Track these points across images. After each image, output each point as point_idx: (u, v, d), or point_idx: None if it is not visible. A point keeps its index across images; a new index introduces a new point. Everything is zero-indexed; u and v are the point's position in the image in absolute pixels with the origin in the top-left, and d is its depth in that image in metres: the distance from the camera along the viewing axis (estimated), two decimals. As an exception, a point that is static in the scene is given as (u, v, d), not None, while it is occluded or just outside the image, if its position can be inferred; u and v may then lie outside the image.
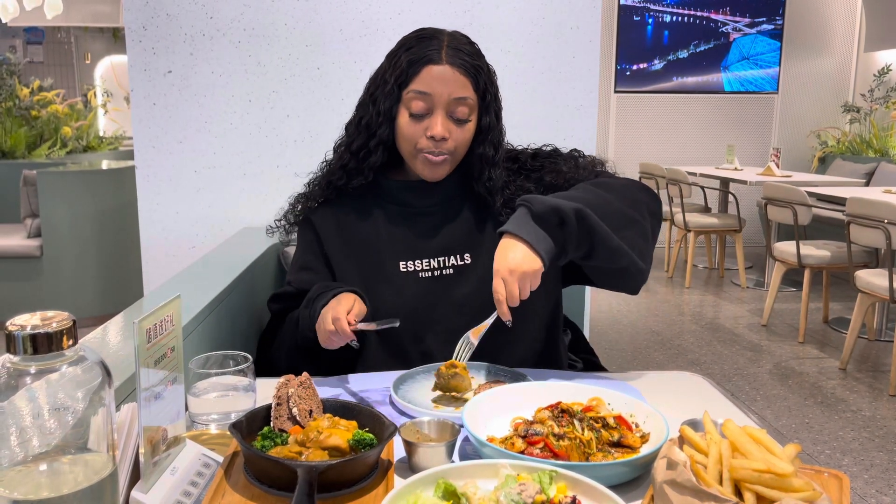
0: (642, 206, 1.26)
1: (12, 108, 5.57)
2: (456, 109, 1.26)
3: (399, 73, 1.26)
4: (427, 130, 1.26)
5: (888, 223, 3.31)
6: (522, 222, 1.14)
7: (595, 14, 2.10)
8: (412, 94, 1.25)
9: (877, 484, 2.53)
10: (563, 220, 1.13)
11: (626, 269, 1.19)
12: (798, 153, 7.10)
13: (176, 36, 2.00)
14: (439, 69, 1.24)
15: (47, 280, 4.14)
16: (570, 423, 0.93)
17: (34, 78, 6.57)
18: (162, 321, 0.78)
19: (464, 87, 1.25)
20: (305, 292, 1.35)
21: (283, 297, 1.38)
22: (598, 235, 1.14)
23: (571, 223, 1.12)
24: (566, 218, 1.12)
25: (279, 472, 0.78)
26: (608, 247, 1.15)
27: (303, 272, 1.38)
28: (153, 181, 2.06)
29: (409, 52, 1.26)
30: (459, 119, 1.27)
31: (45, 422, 0.62)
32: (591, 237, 1.14)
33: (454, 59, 1.25)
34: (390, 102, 1.28)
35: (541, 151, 1.44)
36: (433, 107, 1.25)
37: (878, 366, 3.72)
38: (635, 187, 1.30)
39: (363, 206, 1.39)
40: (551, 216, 1.13)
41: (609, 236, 1.15)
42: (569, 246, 1.15)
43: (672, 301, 5.03)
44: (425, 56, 1.24)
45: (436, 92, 1.24)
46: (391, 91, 1.27)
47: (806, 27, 7.00)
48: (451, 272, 1.34)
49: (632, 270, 1.19)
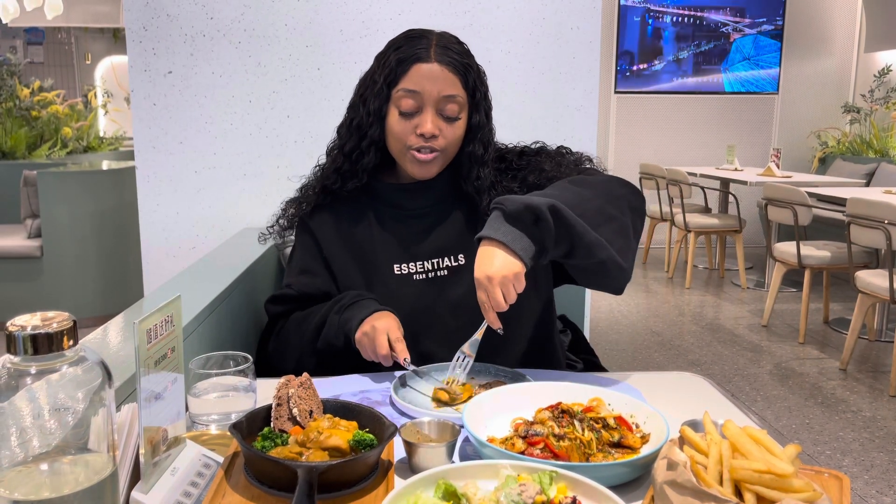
0: (622, 202, 1.22)
1: (13, 108, 5.58)
2: (445, 107, 1.26)
3: (388, 72, 1.26)
4: (417, 128, 1.26)
5: (888, 224, 3.31)
6: (497, 224, 1.10)
7: (595, 15, 2.10)
8: (402, 93, 1.25)
9: (877, 484, 2.53)
10: (537, 217, 1.09)
11: (605, 266, 1.14)
12: (798, 154, 7.10)
13: (176, 36, 2.01)
14: (428, 67, 1.24)
15: (47, 280, 4.14)
16: (571, 423, 0.93)
17: (34, 78, 6.57)
18: (162, 322, 0.78)
19: (453, 85, 1.25)
20: (307, 295, 1.35)
21: (284, 299, 1.38)
22: (574, 230, 1.10)
23: (546, 219, 1.08)
24: (540, 214, 1.08)
25: (279, 473, 0.78)
26: (585, 242, 1.10)
27: (304, 275, 1.38)
28: (153, 182, 2.06)
29: (398, 51, 1.26)
30: (449, 117, 1.27)
31: (45, 422, 0.62)
32: (569, 232, 1.10)
33: (443, 56, 1.25)
34: (380, 102, 1.28)
35: (527, 150, 1.42)
36: (423, 104, 1.25)
37: (878, 366, 3.72)
38: (616, 183, 1.26)
39: (358, 209, 1.39)
40: (525, 214, 1.09)
41: (586, 230, 1.10)
42: (547, 243, 1.10)
43: (672, 301, 5.03)
44: (414, 54, 1.24)
45: (425, 90, 1.24)
46: (381, 90, 1.27)
47: (806, 28, 7.00)
48: (445, 273, 1.34)
49: (611, 267, 1.14)
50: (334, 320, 1.26)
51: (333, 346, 1.25)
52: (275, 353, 1.37)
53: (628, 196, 1.24)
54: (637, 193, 1.27)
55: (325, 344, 1.27)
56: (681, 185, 5.44)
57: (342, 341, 1.24)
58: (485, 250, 1.09)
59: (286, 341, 1.35)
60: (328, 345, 1.26)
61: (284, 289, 1.39)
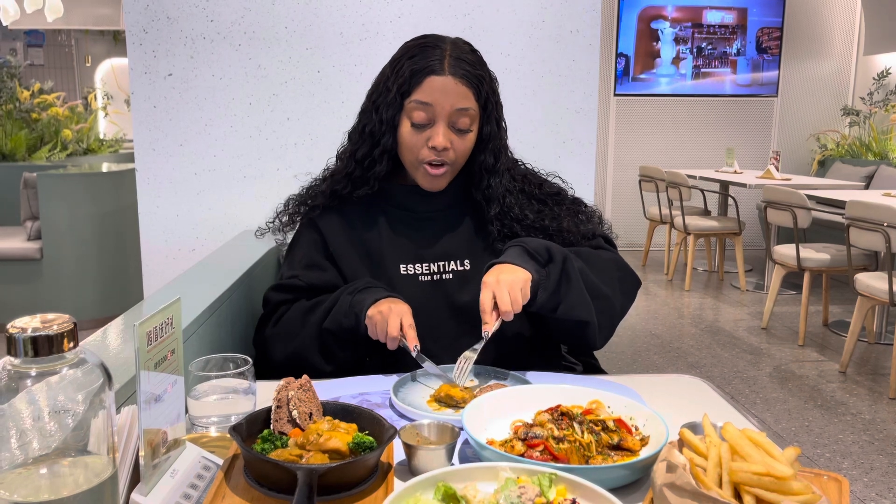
0: (615, 285, 1.31)
1: (13, 110, 5.58)
2: (458, 120, 1.26)
3: (402, 82, 1.26)
4: (429, 141, 1.26)
5: (887, 226, 3.32)
6: (514, 254, 1.21)
7: (595, 18, 2.10)
8: (414, 104, 1.26)
9: (877, 487, 2.53)
10: (550, 258, 1.21)
11: (584, 330, 1.25)
12: (798, 156, 7.11)
13: (176, 39, 2.01)
14: (441, 80, 1.24)
15: (47, 282, 4.14)
16: (570, 426, 0.93)
17: (35, 80, 6.58)
18: (162, 324, 0.78)
19: (465, 98, 1.26)
20: (316, 287, 1.35)
21: (291, 288, 1.37)
22: (572, 283, 1.21)
23: (557, 261, 1.21)
24: (554, 256, 1.21)
25: (279, 475, 0.78)
26: (575, 299, 1.21)
27: (312, 269, 1.38)
28: (153, 184, 2.06)
29: (412, 60, 1.26)
30: (461, 129, 1.27)
31: (45, 424, 0.62)
32: (568, 281, 1.21)
33: (456, 69, 1.25)
34: (393, 111, 1.28)
35: (547, 183, 1.47)
36: (435, 117, 1.26)
37: (877, 369, 3.72)
38: (615, 266, 1.35)
39: (367, 209, 1.39)
40: (542, 252, 1.22)
41: (581, 290, 1.22)
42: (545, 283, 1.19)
43: (672, 304, 5.03)
44: (428, 66, 1.24)
45: (437, 103, 1.24)
46: (394, 100, 1.27)
47: (805, 30, 7.01)
48: (450, 277, 1.34)
49: (588, 334, 1.26)
50: (346, 300, 1.26)
51: (342, 326, 1.25)
52: (272, 338, 1.35)
53: (625, 279, 1.35)
54: (632, 278, 1.38)
55: (333, 323, 1.26)
56: (680, 187, 5.44)
57: (352, 321, 1.24)
58: (496, 266, 1.19)
59: (288, 327, 1.33)
60: (337, 324, 1.26)
61: (290, 279, 1.38)
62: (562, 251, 1.23)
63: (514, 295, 1.13)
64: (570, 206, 1.44)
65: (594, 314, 1.24)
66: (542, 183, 1.46)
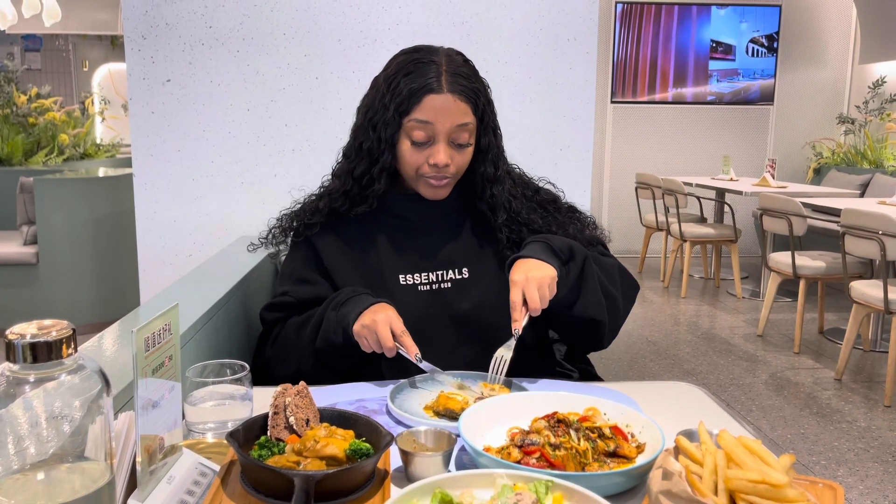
0: (617, 287, 1.35)
1: (10, 115, 5.58)
2: (458, 136, 1.27)
3: (400, 101, 1.25)
4: (429, 158, 1.27)
5: (883, 234, 3.33)
6: (538, 249, 1.24)
7: (592, 25, 2.11)
8: (413, 123, 1.26)
9: (872, 495, 2.53)
10: (572, 256, 1.26)
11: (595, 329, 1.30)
12: (793, 164, 7.13)
13: (175, 45, 2.01)
14: (440, 98, 1.24)
15: (43, 287, 4.13)
16: (567, 433, 0.93)
17: (32, 85, 6.57)
18: (160, 330, 0.78)
19: (464, 114, 1.26)
20: (306, 302, 1.35)
21: (282, 306, 1.38)
22: (590, 282, 1.26)
23: (578, 260, 1.25)
24: (575, 255, 1.26)
25: (276, 482, 0.78)
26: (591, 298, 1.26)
27: (303, 285, 1.38)
28: (151, 189, 2.06)
29: (408, 78, 1.25)
30: (461, 144, 1.28)
31: (42, 430, 0.62)
32: (586, 280, 1.26)
33: (454, 85, 1.25)
34: (391, 130, 1.28)
35: (544, 190, 1.49)
36: (435, 135, 1.26)
37: (873, 376, 3.73)
38: (616, 271, 1.39)
39: (363, 222, 1.39)
40: (565, 250, 1.26)
41: (597, 289, 1.27)
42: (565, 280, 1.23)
43: (668, 311, 5.04)
44: (426, 85, 1.24)
45: (437, 121, 1.25)
46: (392, 119, 1.27)
47: (801, 39, 7.04)
48: (449, 286, 1.35)
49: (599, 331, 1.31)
50: (332, 317, 1.25)
51: (332, 344, 1.24)
52: (273, 360, 1.36)
53: (627, 283, 1.40)
54: (632, 283, 1.43)
55: (323, 342, 1.26)
56: (676, 194, 5.45)
57: (341, 337, 1.23)
58: (522, 262, 1.22)
59: (284, 346, 1.34)
60: (327, 342, 1.25)
61: (282, 296, 1.39)
62: (583, 251, 1.28)
63: (542, 292, 1.16)
64: (568, 213, 1.46)
65: (606, 313, 1.28)
66: (538, 189, 1.47)
